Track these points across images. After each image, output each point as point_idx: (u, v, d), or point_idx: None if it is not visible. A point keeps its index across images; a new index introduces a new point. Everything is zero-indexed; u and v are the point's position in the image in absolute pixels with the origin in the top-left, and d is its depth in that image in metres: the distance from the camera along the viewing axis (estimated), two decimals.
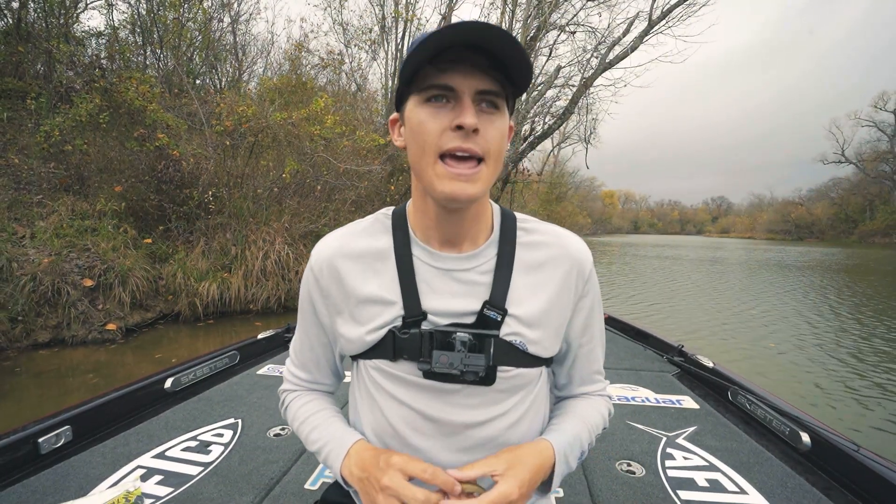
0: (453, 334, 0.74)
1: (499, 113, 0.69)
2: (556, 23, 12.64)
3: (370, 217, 0.85)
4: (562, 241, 0.82)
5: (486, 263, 0.78)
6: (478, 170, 0.67)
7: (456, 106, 0.66)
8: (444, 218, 0.75)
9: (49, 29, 7.87)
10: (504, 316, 0.76)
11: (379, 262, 0.79)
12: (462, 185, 0.67)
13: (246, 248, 7.23)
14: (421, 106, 0.68)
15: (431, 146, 0.67)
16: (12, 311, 4.98)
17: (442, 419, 0.76)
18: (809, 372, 5.19)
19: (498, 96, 0.67)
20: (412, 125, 0.70)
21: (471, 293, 0.77)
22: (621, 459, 1.59)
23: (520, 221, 0.83)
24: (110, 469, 1.45)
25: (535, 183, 21.99)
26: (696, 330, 7.19)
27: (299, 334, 0.90)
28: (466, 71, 0.65)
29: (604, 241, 54.67)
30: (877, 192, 56.91)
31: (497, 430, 0.77)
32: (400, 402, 0.78)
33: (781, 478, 1.46)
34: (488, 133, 0.67)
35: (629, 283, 13.53)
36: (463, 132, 0.65)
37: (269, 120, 7.63)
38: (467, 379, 0.74)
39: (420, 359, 0.74)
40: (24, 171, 6.40)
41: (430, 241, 0.79)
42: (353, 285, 0.79)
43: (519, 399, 0.79)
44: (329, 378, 0.94)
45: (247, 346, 2.57)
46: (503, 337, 0.75)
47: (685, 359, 2.54)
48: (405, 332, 0.75)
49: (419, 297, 0.76)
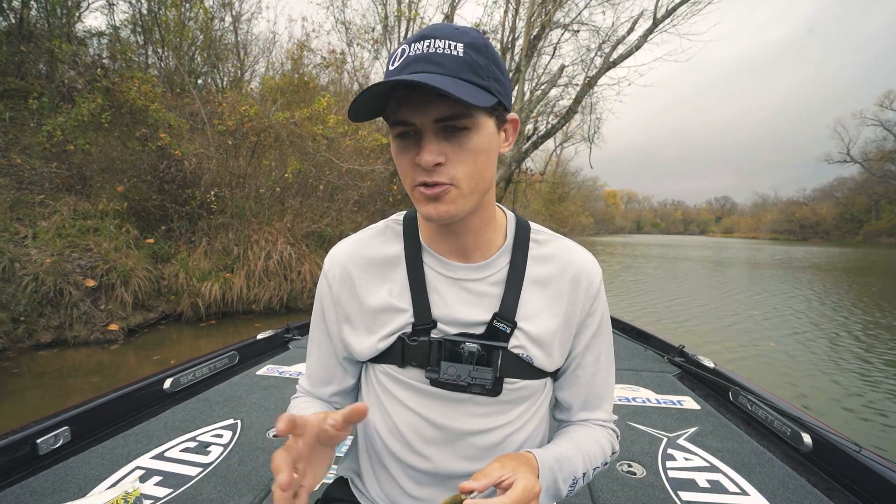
0: (462, 344, 0.74)
1: (470, 132, 0.65)
2: (559, 21, 12.64)
3: (381, 223, 0.85)
4: (573, 256, 0.81)
5: (496, 274, 0.78)
6: (445, 190, 0.66)
7: (419, 140, 0.65)
8: (444, 230, 0.76)
9: (51, 29, 7.88)
10: (513, 329, 0.76)
11: (390, 270, 0.80)
12: (436, 205, 0.67)
13: (248, 248, 7.24)
14: (394, 139, 0.69)
15: (407, 178, 0.69)
16: (14, 312, 4.99)
17: (447, 426, 0.77)
18: (813, 374, 5.17)
19: (463, 117, 0.64)
20: (392, 154, 0.71)
21: (481, 304, 0.77)
22: (622, 460, 1.59)
23: (533, 232, 0.83)
24: (109, 470, 1.44)
25: (537, 182, 21.97)
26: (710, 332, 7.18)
27: (311, 344, 0.89)
28: (420, 103, 0.63)
29: (605, 240, 54.60)
30: (882, 192, 56.63)
31: (500, 437, 0.78)
32: (407, 407, 0.78)
33: (783, 478, 1.45)
34: (457, 157, 0.65)
35: (633, 282, 13.51)
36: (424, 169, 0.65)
37: (272, 119, 7.63)
38: (474, 391, 0.74)
39: (428, 367, 0.75)
40: (27, 171, 6.41)
41: (439, 250, 0.79)
42: (365, 294, 0.79)
43: (524, 409, 0.80)
44: (335, 396, 0.89)
45: (246, 347, 2.56)
46: (511, 349, 0.75)
47: (686, 359, 2.53)
48: (414, 340, 0.75)
49: (430, 306, 0.76)
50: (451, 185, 0.66)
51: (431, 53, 0.62)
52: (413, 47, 0.64)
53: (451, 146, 0.65)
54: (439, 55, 0.62)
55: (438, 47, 0.62)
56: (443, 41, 0.63)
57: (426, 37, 0.63)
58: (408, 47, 0.64)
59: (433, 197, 0.66)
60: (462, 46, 0.63)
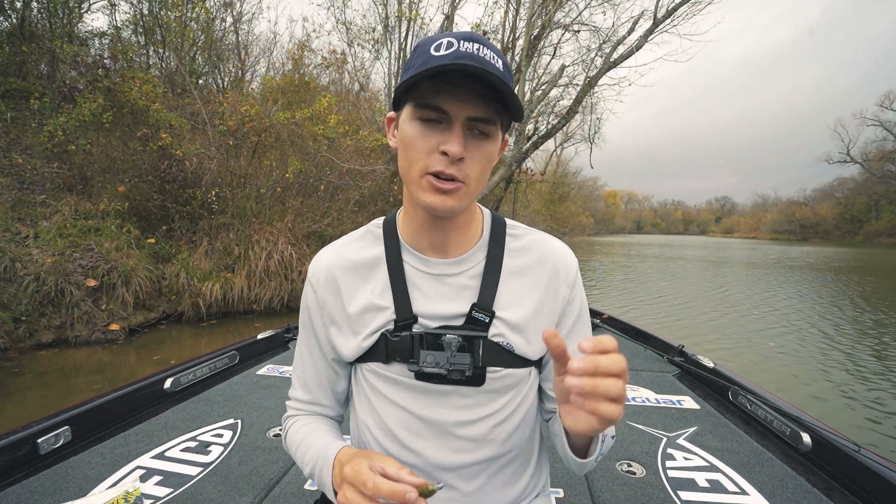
0: (443, 336, 0.76)
1: (488, 140, 0.70)
2: (560, 22, 12.63)
3: (361, 229, 0.88)
4: (548, 247, 0.84)
5: (474, 268, 0.80)
6: (458, 187, 0.69)
7: (446, 129, 0.68)
8: (431, 224, 0.78)
9: (53, 29, 7.90)
10: (492, 318, 0.77)
11: (372, 271, 0.82)
12: (442, 197, 0.69)
13: (249, 248, 7.24)
14: (414, 121, 0.69)
15: (418, 164, 0.69)
16: (16, 312, 4.99)
17: (435, 419, 0.78)
18: (814, 372, 5.19)
19: (490, 123, 0.68)
20: (404, 137, 0.71)
21: (460, 296, 0.79)
22: (622, 460, 1.59)
23: (509, 227, 0.85)
24: (109, 469, 1.45)
25: (538, 182, 21.95)
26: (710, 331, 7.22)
27: (300, 351, 0.89)
28: (462, 97, 0.66)
29: (605, 241, 54.68)
30: (883, 192, 56.59)
31: (487, 428, 0.79)
32: (394, 403, 0.80)
33: (782, 478, 1.45)
34: (474, 158, 0.69)
35: (622, 282, 13.52)
36: (448, 158, 0.67)
37: (272, 119, 7.64)
38: (454, 377, 0.75)
39: (410, 360, 0.76)
40: (28, 171, 6.43)
41: (419, 247, 0.81)
42: (349, 296, 0.81)
43: (509, 399, 0.81)
44: (329, 399, 0.89)
45: (246, 347, 2.57)
46: (491, 338, 0.77)
47: (685, 359, 2.53)
48: (396, 335, 0.77)
49: (410, 301, 0.78)
50: (463, 184, 0.69)
51: (482, 58, 0.64)
52: (463, 45, 0.65)
53: (471, 146, 0.68)
54: (488, 62, 0.65)
55: (486, 55, 0.65)
56: (489, 51, 0.66)
57: (474, 40, 0.66)
58: (457, 42, 0.65)
59: (444, 190, 0.69)
60: (501, 64, 0.67)
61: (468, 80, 0.64)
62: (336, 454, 0.72)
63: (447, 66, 0.62)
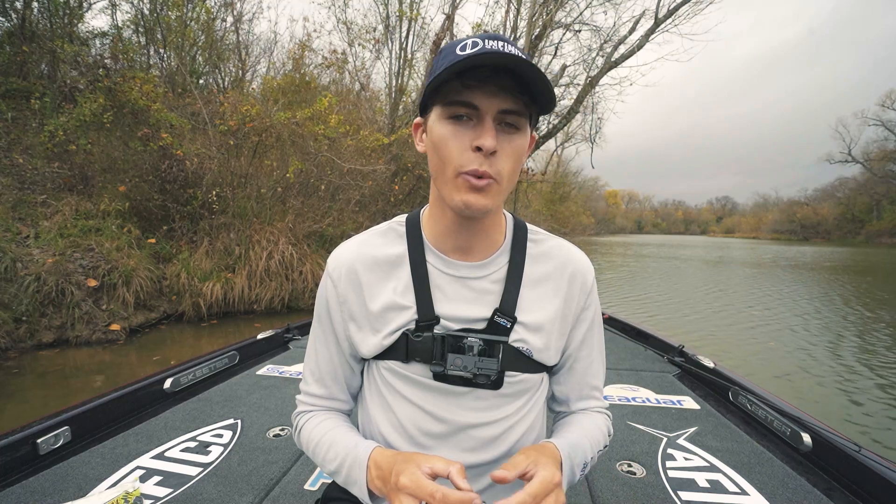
0: (465, 339, 0.76)
1: (519, 133, 0.70)
2: (561, 21, 12.62)
3: (384, 225, 0.87)
4: (568, 255, 0.85)
5: (497, 272, 0.81)
6: (490, 184, 0.69)
7: (477, 125, 0.68)
8: (459, 226, 0.78)
9: (53, 29, 7.89)
10: (514, 323, 0.79)
11: (394, 269, 0.82)
12: (476, 195, 0.69)
13: (250, 248, 7.24)
14: (444, 121, 0.70)
15: (451, 164, 0.69)
16: (16, 312, 5.00)
17: (450, 419, 0.79)
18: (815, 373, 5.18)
19: (520, 115, 0.69)
20: (434, 138, 0.71)
21: (482, 300, 0.80)
22: (622, 460, 1.59)
23: (531, 233, 0.86)
24: (109, 470, 1.45)
25: (539, 182, 21.94)
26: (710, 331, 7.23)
27: (315, 346, 0.88)
28: (491, 91, 0.66)
29: (605, 241, 54.72)
30: (884, 192, 56.47)
31: (500, 430, 0.80)
32: (410, 402, 0.80)
33: (782, 478, 1.45)
34: (505, 153, 0.69)
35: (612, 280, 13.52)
36: (481, 154, 0.67)
37: (273, 119, 7.63)
38: (479, 382, 0.76)
39: (433, 361, 0.76)
40: (29, 171, 6.43)
41: (443, 249, 0.81)
42: (371, 295, 0.81)
43: (522, 403, 0.83)
44: (345, 394, 0.90)
45: (246, 347, 2.56)
46: (511, 343, 0.78)
47: (686, 359, 2.53)
48: (418, 335, 0.77)
49: (432, 303, 0.79)
50: (494, 181, 0.69)
51: (509, 54, 0.64)
52: (488, 43, 0.66)
53: (502, 140, 0.69)
54: (525, 59, 0.64)
55: (512, 52, 0.65)
56: (514, 49, 0.67)
57: (499, 39, 0.67)
58: (482, 42, 0.67)
59: (479, 188, 0.68)
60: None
61: (496, 75, 0.65)
62: (369, 455, 0.73)
63: (477, 56, 0.62)
